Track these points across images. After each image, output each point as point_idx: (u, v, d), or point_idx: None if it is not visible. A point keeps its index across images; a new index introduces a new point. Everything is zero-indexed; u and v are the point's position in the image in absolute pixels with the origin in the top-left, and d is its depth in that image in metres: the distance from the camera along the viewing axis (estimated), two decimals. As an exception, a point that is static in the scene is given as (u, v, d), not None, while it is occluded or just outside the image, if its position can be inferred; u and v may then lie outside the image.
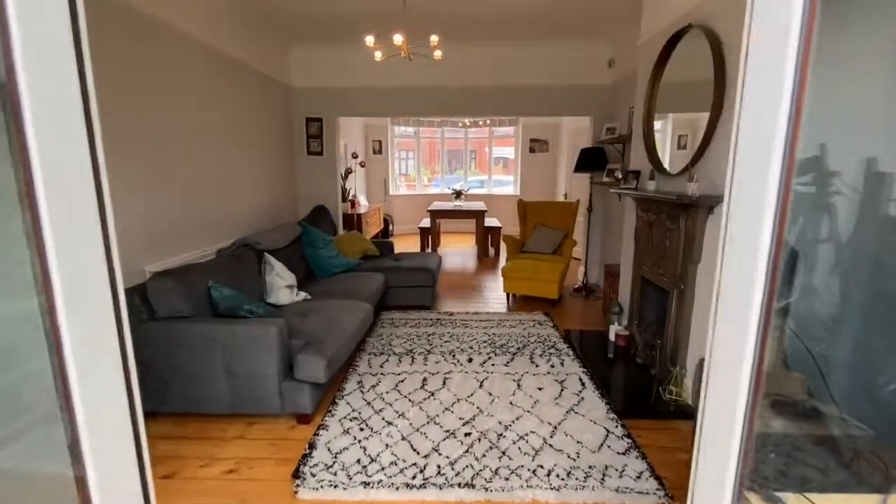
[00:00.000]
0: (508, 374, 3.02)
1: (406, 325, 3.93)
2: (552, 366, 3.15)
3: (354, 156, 5.50)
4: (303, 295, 3.40)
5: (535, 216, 5.57)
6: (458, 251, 7.66)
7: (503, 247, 7.44)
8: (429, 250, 6.98)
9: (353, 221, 6.64)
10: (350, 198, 7.54)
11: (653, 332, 3.07)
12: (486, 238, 7.28)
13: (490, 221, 7.47)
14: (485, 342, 3.57)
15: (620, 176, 4.50)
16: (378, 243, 5.06)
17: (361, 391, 2.78)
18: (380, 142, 9.24)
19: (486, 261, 6.86)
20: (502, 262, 6.77)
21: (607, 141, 4.73)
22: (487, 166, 10.11)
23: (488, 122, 8.35)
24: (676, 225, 2.69)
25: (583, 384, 2.89)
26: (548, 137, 9.09)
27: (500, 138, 9.79)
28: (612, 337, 3.51)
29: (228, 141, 3.83)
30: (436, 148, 10.11)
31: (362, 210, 7.36)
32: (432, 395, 2.73)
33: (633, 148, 3.57)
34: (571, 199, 7.02)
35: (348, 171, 5.46)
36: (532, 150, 9.20)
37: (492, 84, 5.19)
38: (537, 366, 3.14)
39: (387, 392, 2.76)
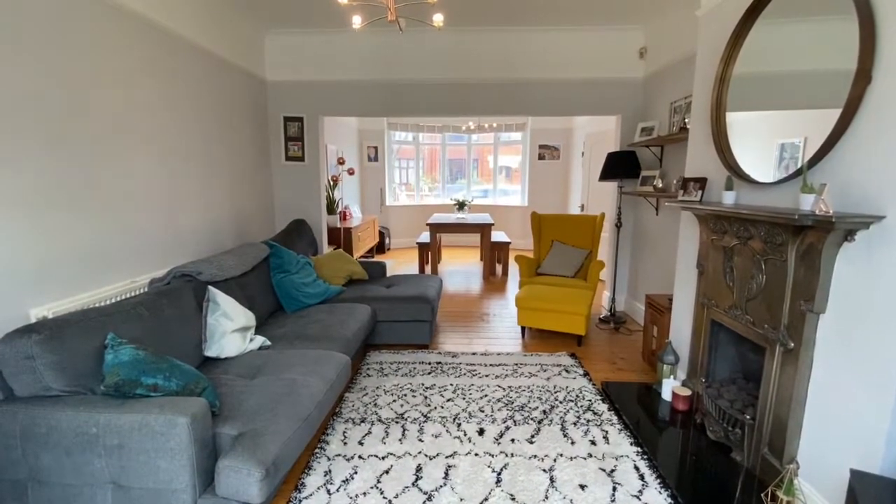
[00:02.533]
0: (535, 457, 2.18)
1: (397, 373, 3.10)
2: (593, 441, 2.31)
3: (341, 161, 4.71)
4: (259, 340, 2.58)
5: (552, 231, 4.76)
6: (460, 268, 6.84)
7: (511, 263, 6.63)
8: (428, 269, 6.17)
9: (341, 237, 5.84)
10: (341, 209, 6.75)
11: (733, 397, 2.24)
12: (493, 254, 6.46)
13: (497, 235, 6.66)
14: (499, 400, 2.73)
15: (661, 185, 3.70)
16: (367, 264, 4.25)
17: (328, 490, 1.94)
18: (375, 148, 8.47)
19: (493, 281, 6.04)
20: (511, 281, 5.95)
21: (642, 143, 3.94)
22: (490, 175, 9.33)
23: (494, 125, 7.59)
24: (780, 255, 1.88)
25: (641, 477, 2.05)
26: (559, 143, 8.33)
27: (505, 145, 9.03)
28: (666, 395, 2.67)
29: (179, 143, 3.03)
30: (437, 156, 9.36)
31: (355, 222, 6.57)
32: (430, 498, 1.90)
33: (691, 150, 2.77)
34: (589, 212, 6.22)
35: (335, 180, 4.68)
36: (541, 157, 8.43)
37: (500, 78, 4.42)
38: (573, 442, 2.31)
39: (364, 494, 1.92)
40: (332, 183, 5.96)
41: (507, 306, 4.84)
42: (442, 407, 2.65)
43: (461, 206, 6.69)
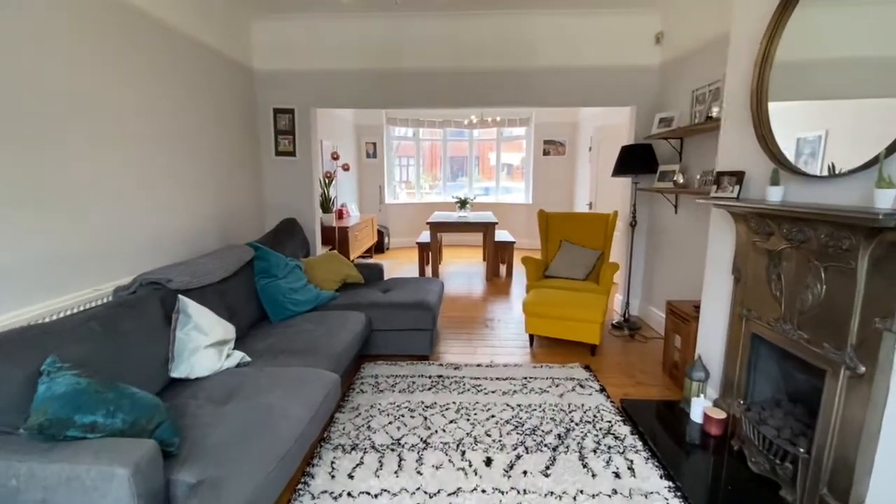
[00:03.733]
0: (552, 493, 1.89)
1: (394, 389, 2.81)
2: (617, 474, 2.02)
3: (335, 157, 4.38)
4: (238, 356, 2.28)
5: (561, 231, 4.46)
6: (462, 269, 6.54)
7: (516, 264, 6.33)
8: (428, 271, 5.88)
9: (336, 237, 5.54)
10: (338, 207, 6.46)
11: (779, 424, 1.94)
12: (497, 255, 6.16)
13: (500, 235, 6.36)
14: (507, 422, 2.44)
15: (682, 180, 3.39)
16: (364, 266, 3.96)
17: (311, 539, 1.65)
18: (374, 144, 8.17)
19: (497, 283, 5.74)
20: (516, 283, 5.65)
21: (659, 135, 3.63)
22: (492, 173, 9.02)
23: (498, 118, 7.29)
24: (846, 261, 1.57)
25: (677, 519, 1.75)
26: (564, 138, 8.02)
27: (507, 141, 8.72)
28: (696, 416, 2.38)
29: (158, 136, 2.74)
30: (437, 153, 9.06)
31: (352, 221, 6.28)
32: (430, 550, 1.60)
33: (724, 141, 2.46)
34: (598, 210, 5.91)
35: (329, 177, 4.37)
36: (546, 153, 8.13)
37: (505, 66, 4.11)
38: (594, 475, 2.01)
39: (352, 544, 1.63)
40: (326, 180, 5.66)
41: (513, 310, 4.54)
42: (444, 430, 2.35)
43: (463, 204, 6.39)
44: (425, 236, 6.14)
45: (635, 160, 3.82)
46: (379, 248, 7.83)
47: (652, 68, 4.05)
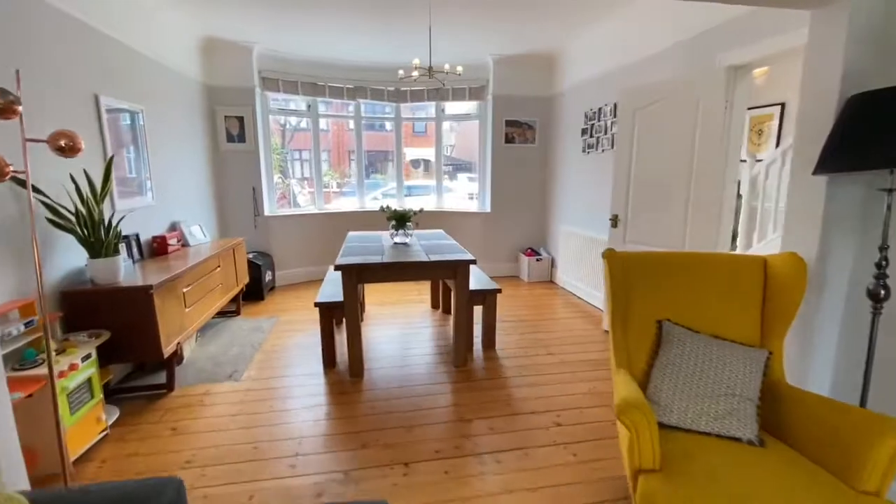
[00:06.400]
0: None
1: None
2: None
3: (9, 110, 1.33)
4: None
5: (652, 294, 1.91)
6: (398, 332, 3.73)
7: (500, 324, 3.73)
8: (341, 355, 3.02)
9: (113, 308, 2.40)
10: (156, 233, 3.37)
11: None
12: (470, 313, 3.47)
13: (476, 277, 3.70)
14: None
15: None
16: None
17: None
18: (240, 120, 4.98)
19: (471, 375, 3.04)
20: (513, 373, 3.02)
21: None
22: (409, 170, 6.36)
23: (447, 67, 4.51)
24: None
25: None
26: (534, 118, 5.58)
27: (450, 120, 6.08)
28: None
29: None
30: (344, 141, 6.16)
31: (189, 261, 3.19)
32: None
33: None
34: (631, 237, 3.46)
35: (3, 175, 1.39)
36: (509, 140, 5.62)
37: None
38: None
39: None
40: (103, 187, 2.51)
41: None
42: None
43: (400, 222, 3.55)
44: (332, 290, 3.28)
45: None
46: (255, 290, 4.71)
47: None
